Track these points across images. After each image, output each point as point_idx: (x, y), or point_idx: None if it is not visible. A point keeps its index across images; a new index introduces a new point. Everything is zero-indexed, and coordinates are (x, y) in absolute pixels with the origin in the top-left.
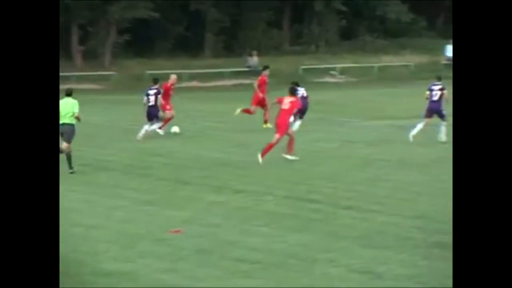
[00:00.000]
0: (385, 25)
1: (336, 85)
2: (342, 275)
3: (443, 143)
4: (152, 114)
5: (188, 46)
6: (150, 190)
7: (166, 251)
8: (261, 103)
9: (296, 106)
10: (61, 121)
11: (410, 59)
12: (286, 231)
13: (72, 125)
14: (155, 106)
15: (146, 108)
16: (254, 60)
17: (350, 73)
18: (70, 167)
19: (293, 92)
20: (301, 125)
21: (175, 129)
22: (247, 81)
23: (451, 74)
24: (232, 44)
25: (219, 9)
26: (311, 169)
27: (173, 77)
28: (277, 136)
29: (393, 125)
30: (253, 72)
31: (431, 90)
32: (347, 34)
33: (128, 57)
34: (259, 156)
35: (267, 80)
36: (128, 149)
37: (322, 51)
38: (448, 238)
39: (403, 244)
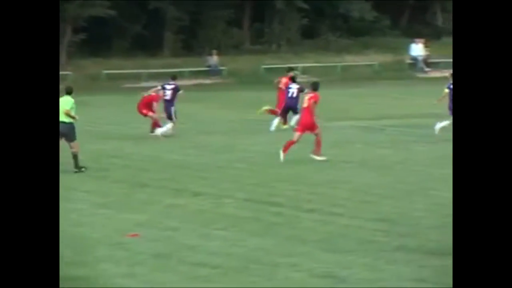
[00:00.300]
0: (348, 23)
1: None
2: (305, 280)
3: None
4: (167, 110)
5: (146, 45)
6: (106, 193)
7: (123, 255)
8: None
9: (317, 102)
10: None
11: (373, 59)
12: (246, 235)
13: (67, 123)
14: (170, 101)
15: (163, 103)
16: (214, 59)
17: (313, 72)
18: (77, 165)
19: (315, 88)
20: (266, 125)
21: (160, 130)
22: (207, 81)
23: (415, 74)
24: (191, 43)
25: (178, 8)
26: (272, 171)
27: (160, 93)
28: (298, 133)
29: (356, 126)
30: (213, 72)
31: (451, 89)
32: (309, 33)
33: (84, 57)
34: (281, 153)
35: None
36: (84, 151)
37: (283, 50)
38: (412, 242)
39: (366, 247)
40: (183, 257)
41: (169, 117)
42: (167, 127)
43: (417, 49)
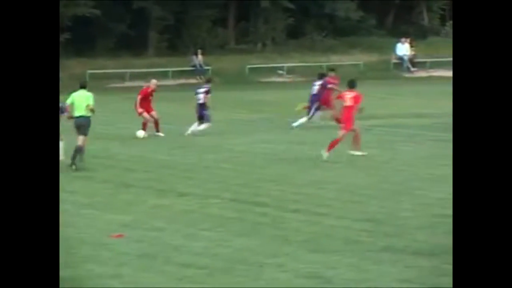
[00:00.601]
0: (333, 23)
1: (283, 85)
2: (291, 280)
3: None
4: (200, 113)
5: (131, 44)
6: (92, 193)
7: (108, 256)
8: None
9: (358, 100)
10: (76, 114)
11: (359, 58)
12: (232, 235)
13: (88, 117)
14: (203, 104)
15: (196, 107)
16: (198, 59)
17: (298, 72)
18: (81, 159)
19: (353, 86)
20: (252, 125)
21: (140, 133)
22: (192, 81)
23: (401, 74)
24: (176, 43)
25: (163, 7)
26: (258, 171)
27: (154, 81)
28: (342, 132)
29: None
30: (198, 72)
31: None
32: (294, 33)
33: (68, 57)
34: (324, 152)
35: (334, 81)
36: (69, 151)
37: (268, 50)
38: (398, 242)
39: (352, 248)
40: (169, 257)
41: (200, 118)
42: (201, 127)
43: (403, 49)
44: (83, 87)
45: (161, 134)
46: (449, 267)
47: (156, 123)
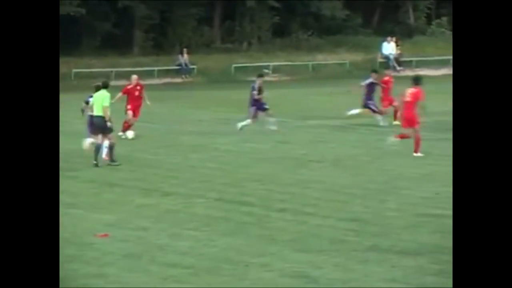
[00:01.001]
0: (319, 22)
1: (269, 84)
2: (276, 280)
3: None
4: (258, 107)
5: (116, 43)
6: (76, 192)
7: (93, 255)
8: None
9: (419, 97)
10: (95, 113)
11: (345, 57)
12: (218, 234)
13: (102, 117)
14: (258, 100)
15: (252, 102)
16: (184, 58)
17: (284, 71)
18: (112, 160)
19: (417, 83)
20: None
21: (129, 134)
22: (177, 80)
23: (387, 72)
24: (161, 42)
25: (148, 6)
26: (244, 170)
27: (134, 77)
28: (416, 127)
29: (327, 125)
30: (183, 71)
31: None
32: (280, 32)
33: None
34: (392, 138)
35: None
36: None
37: (254, 49)
38: (384, 241)
39: (338, 247)
40: (154, 257)
41: (254, 117)
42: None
43: (389, 48)
44: (105, 86)
45: (127, 135)
46: (435, 267)
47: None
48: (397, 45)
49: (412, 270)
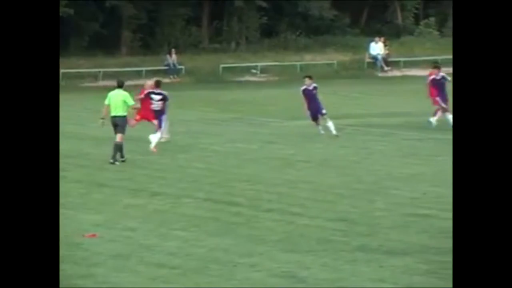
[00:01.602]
0: (307, 22)
1: (257, 84)
2: (264, 280)
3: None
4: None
5: (104, 44)
6: (64, 193)
7: (81, 255)
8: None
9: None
10: (112, 113)
11: (333, 57)
12: (205, 235)
13: (124, 116)
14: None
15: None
16: (172, 58)
17: (272, 71)
18: (122, 155)
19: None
20: (225, 124)
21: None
22: (166, 80)
23: (374, 73)
24: (149, 42)
25: (136, 6)
26: (232, 171)
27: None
28: None
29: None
30: (171, 71)
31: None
32: (268, 32)
33: None
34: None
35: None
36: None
37: (242, 49)
38: (372, 241)
39: (326, 247)
40: (142, 257)
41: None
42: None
43: (377, 48)
44: (120, 86)
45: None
46: (422, 266)
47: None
48: (385, 45)
49: (399, 270)
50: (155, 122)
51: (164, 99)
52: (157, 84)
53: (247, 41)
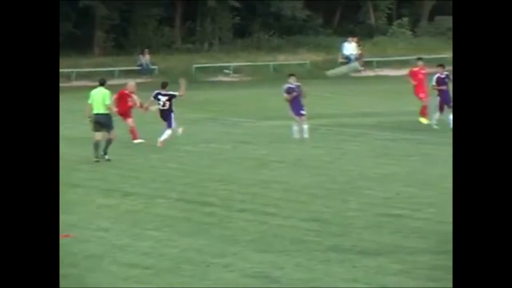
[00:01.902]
0: (280, 22)
1: (230, 84)
2: (237, 280)
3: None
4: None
5: (77, 44)
6: None
7: None
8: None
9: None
10: (95, 111)
11: (306, 57)
12: (178, 235)
13: (106, 114)
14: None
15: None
16: (145, 58)
17: (245, 72)
18: (105, 153)
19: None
20: (198, 124)
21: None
22: (139, 80)
23: (347, 73)
24: (122, 42)
25: (109, 6)
26: (204, 171)
27: (130, 84)
28: None
29: (288, 126)
30: (144, 71)
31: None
32: (241, 32)
33: None
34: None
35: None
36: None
37: (215, 49)
38: (345, 241)
39: (299, 247)
40: (115, 257)
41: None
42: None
43: (350, 48)
44: (101, 84)
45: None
46: (396, 266)
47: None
48: (358, 46)
49: (373, 270)
50: (165, 122)
51: (170, 98)
52: (164, 86)
53: (220, 41)
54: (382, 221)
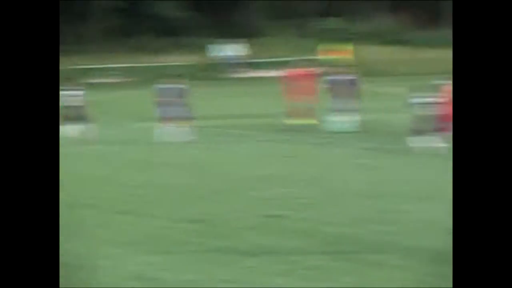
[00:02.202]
0: (161, 23)
1: (114, 85)
2: (120, 283)
3: None
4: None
5: None
6: None
7: None
8: None
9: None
10: None
11: (188, 59)
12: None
13: None
14: None
15: None
16: None
17: (128, 73)
18: None
19: None
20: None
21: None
22: None
23: (229, 74)
24: None
25: None
26: (85, 172)
27: None
28: None
29: (171, 127)
30: None
31: None
32: (123, 33)
33: None
34: None
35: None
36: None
37: (97, 50)
38: (227, 243)
39: (181, 249)
40: None
41: None
42: None
43: (231, 49)
44: None
45: None
46: (281, 267)
47: None
48: (240, 47)
49: (257, 270)
50: None
51: None
52: None
53: (104, 42)
54: (265, 221)
